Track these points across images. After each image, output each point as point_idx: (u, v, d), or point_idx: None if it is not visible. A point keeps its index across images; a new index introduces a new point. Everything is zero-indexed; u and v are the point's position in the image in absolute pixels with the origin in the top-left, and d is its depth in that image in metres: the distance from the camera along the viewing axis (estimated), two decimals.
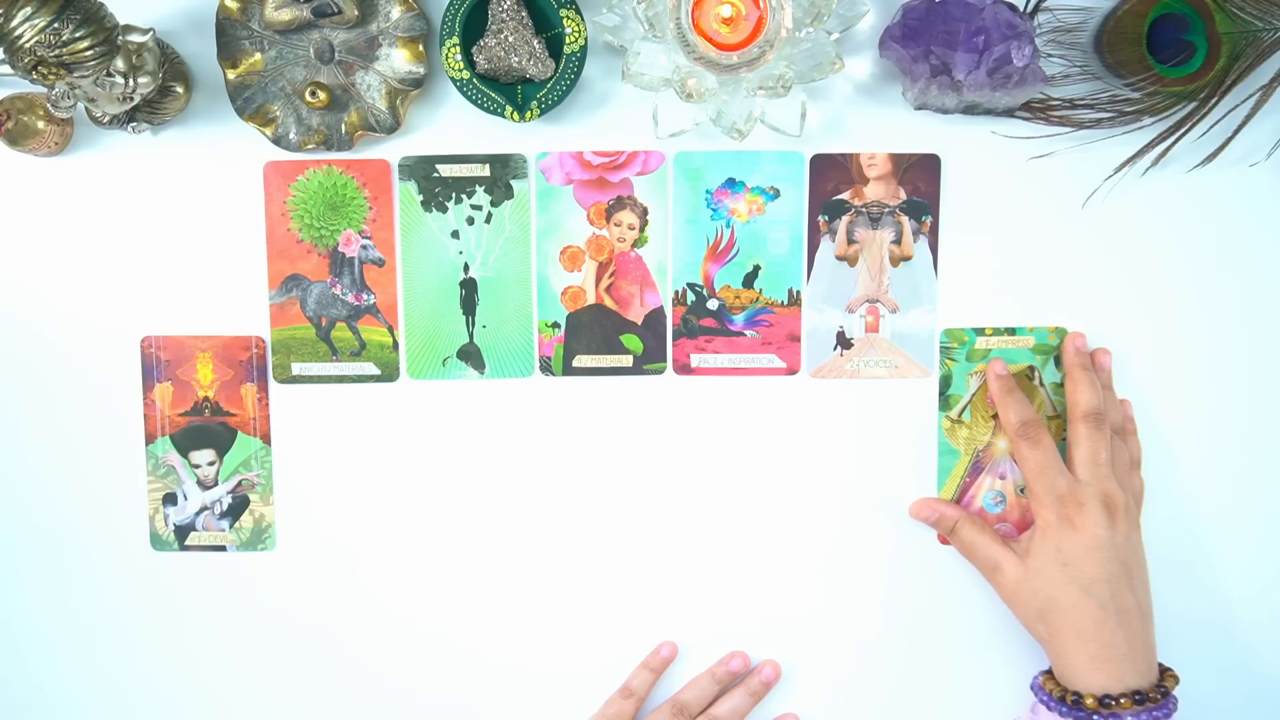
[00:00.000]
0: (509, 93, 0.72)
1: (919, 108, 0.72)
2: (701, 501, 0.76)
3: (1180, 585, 0.75)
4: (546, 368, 0.76)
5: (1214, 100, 0.71)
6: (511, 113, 0.71)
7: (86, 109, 0.70)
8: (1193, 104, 0.71)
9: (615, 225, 0.75)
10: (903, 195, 0.74)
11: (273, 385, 0.76)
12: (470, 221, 0.75)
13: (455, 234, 0.75)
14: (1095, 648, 0.68)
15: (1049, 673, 0.71)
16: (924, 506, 0.75)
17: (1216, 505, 0.76)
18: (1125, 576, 0.69)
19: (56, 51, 0.61)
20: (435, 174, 0.75)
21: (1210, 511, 0.76)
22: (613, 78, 0.74)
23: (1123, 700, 0.67)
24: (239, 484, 0.77)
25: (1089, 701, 0.67)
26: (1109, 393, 0.74)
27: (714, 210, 0.75)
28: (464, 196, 0.75)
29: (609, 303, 0.76)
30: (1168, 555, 0.75)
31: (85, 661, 0.78)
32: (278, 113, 0.72)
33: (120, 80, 0.65)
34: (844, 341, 0.76)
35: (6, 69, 0.64)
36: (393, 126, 0.73)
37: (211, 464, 0.77)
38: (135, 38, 0.65)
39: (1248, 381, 0.75)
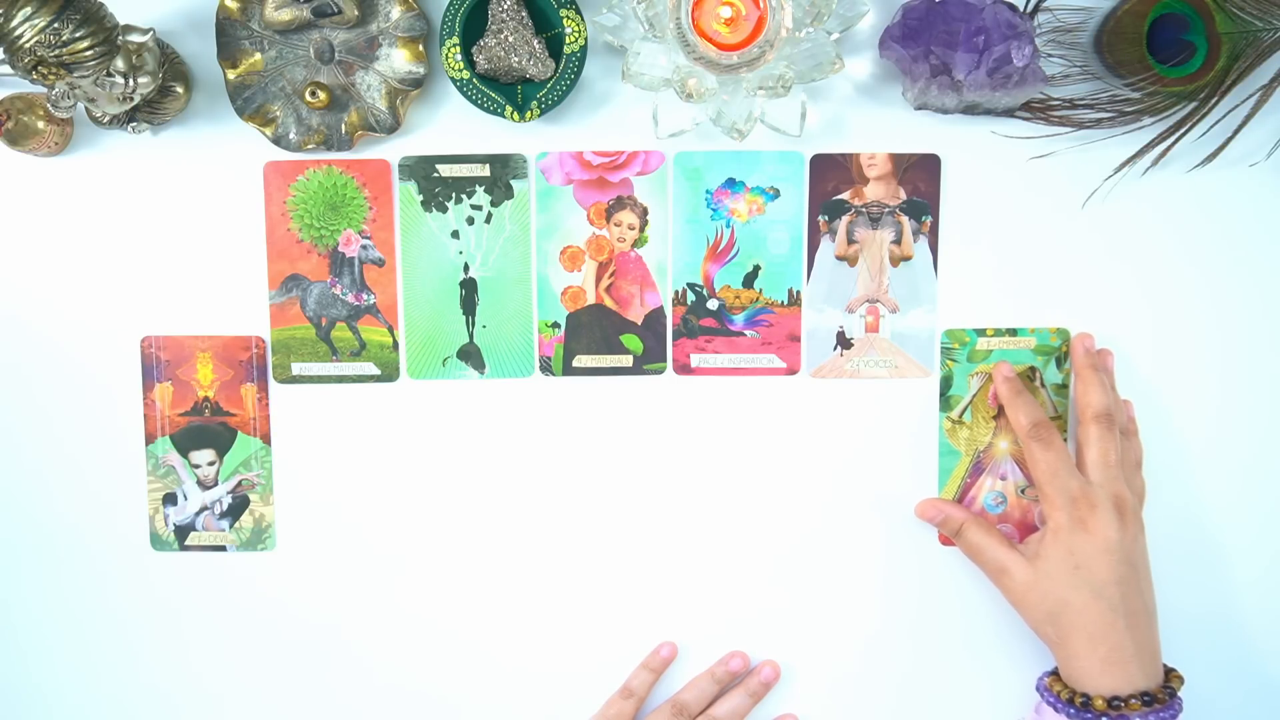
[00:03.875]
0: (509, 93, 0.72)
1: (919, 108, 0.72)
2: (701, 501, 0.76)
3: (1183, 583, 0.75)
4: (546, 368, 0.76)
5: (1214, 100, 0.71)
6: (511, 113, 0.71)
7: (86, 109, 0.70)
8: (1193, 104, 0.71)
9: (615, 225, 0.75)
10: (903, 195, 0.74)
11: (273, 385, 0.76)
12: (470, 221, 0.75)
13: (455, 234, 0.75)
14: (1105, 650, 0.67)
15: (1055, 674, 0.71)
16: (930, 507, 0.75)
17: (1219, 503, 0.76)
18: (1134, 578, 0.69)
19: (56, 51, 0.61)
20: (435, 174, 0.75)
21: (1213, 510, 0.76)
22: (613, 78, 0.74)
23: (1132, 701, 0.66)
24: (239, 484, 0.77)
25: (1098, 703, 0.67)
26: (1114, 393, 0.74)
27: (714, 210, 0.75)
28: (464, 196, 0.75)
29: (609, 303, 0.76)
30: (1171, 554, 0.75)
31: (85, 661, 0.78)
32: (278, 113, 0.72)
33: (120, 80, 0.65)
34: (844, 341, 0.76)
35: (6, 69, 0.64)
36: (393, 126, 0.73)
37: (211, 464, 0.77)
38: (135, 38, 0.65)
39: (1249, 381, 0.75)
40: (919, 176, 0.74)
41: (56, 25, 0.61)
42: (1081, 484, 0.70)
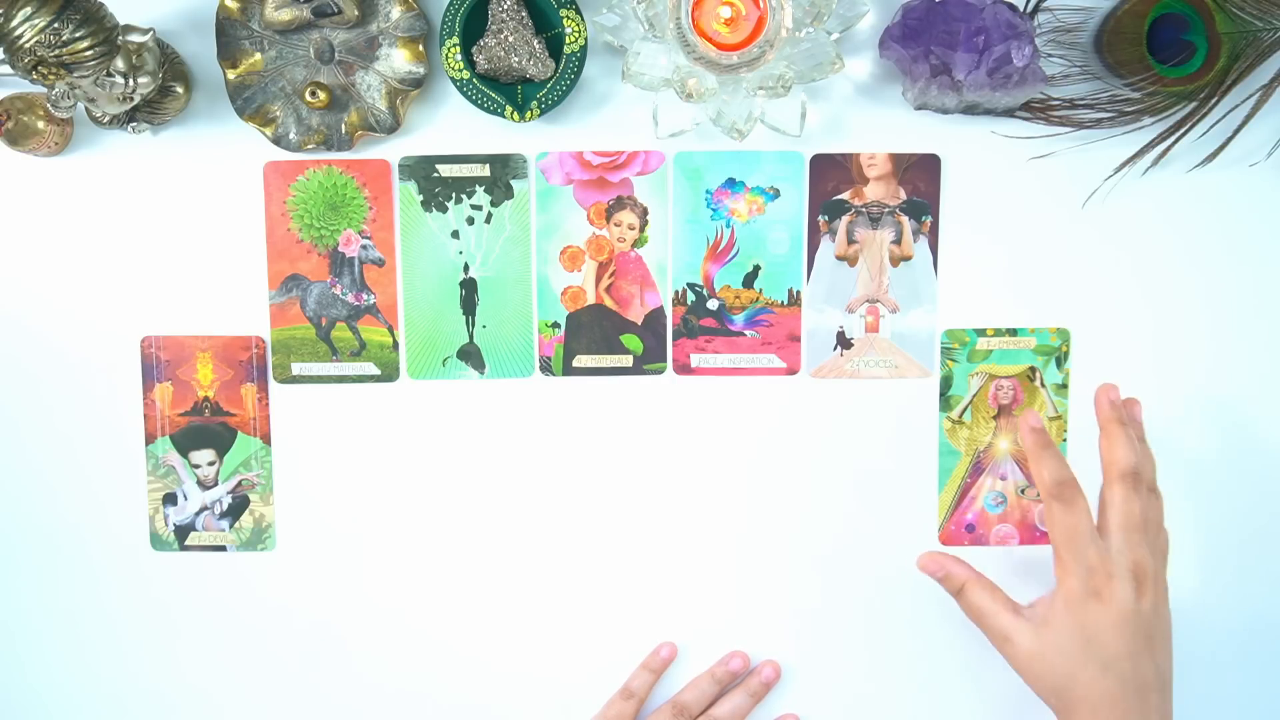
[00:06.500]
0: (509, 93, 0.72)
1: (919, 108, 0.72)
2: (701, 502, 0.76)
3: (1179, 587, 0.75)
4: (546, 368, 0.76)
5: (1214, 100, 0.71)
6: (511, 113, 0.71)
7: (86, 109, 0.70)
8: (1193, 104, 0.71)
9: (615, 225, 0.75)
10: (903, 195, 0.74)
11: (273, 385, 0.76)
12: (470, 221, 0.75)
13: (455, 234, 0.75)
14: None
15: None
16: (931, 561, 0.71)
17: (1218, 505, 0.76)
18: (1148, 650, 0.65)
19: (56, 51, 0.61)
20: (435, 174, 0.75)
21: (1213, 511, 0.76)
22: (613, 78, 0.74)
23: None
24: (239, 484, 0.77)
25: None
26: (1143, 445, 0.69)
27: (714, 210, 0.75)
28: (464, 196, 0.75)
29: (609, 303, 0.76)
30: (1174, 555, 0.75)
31: (84, 662, 0.78)
32: (278, 113, 0.72)
33: (120, 80, 0.65)
34: (844, 341, 0.76)
35: (6, 69, 0.64)
36: (393, 126, 0.73)
37: (211, 464, 0.77)
38: (135, 38, 0.65)
39: (1249, 381, 0.75)
40: (919, 176, 0.74)
41: (56, 25, 0.61)
42: (1100, 551, 0.65)
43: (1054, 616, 0.66)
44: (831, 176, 0.74)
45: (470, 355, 0.76)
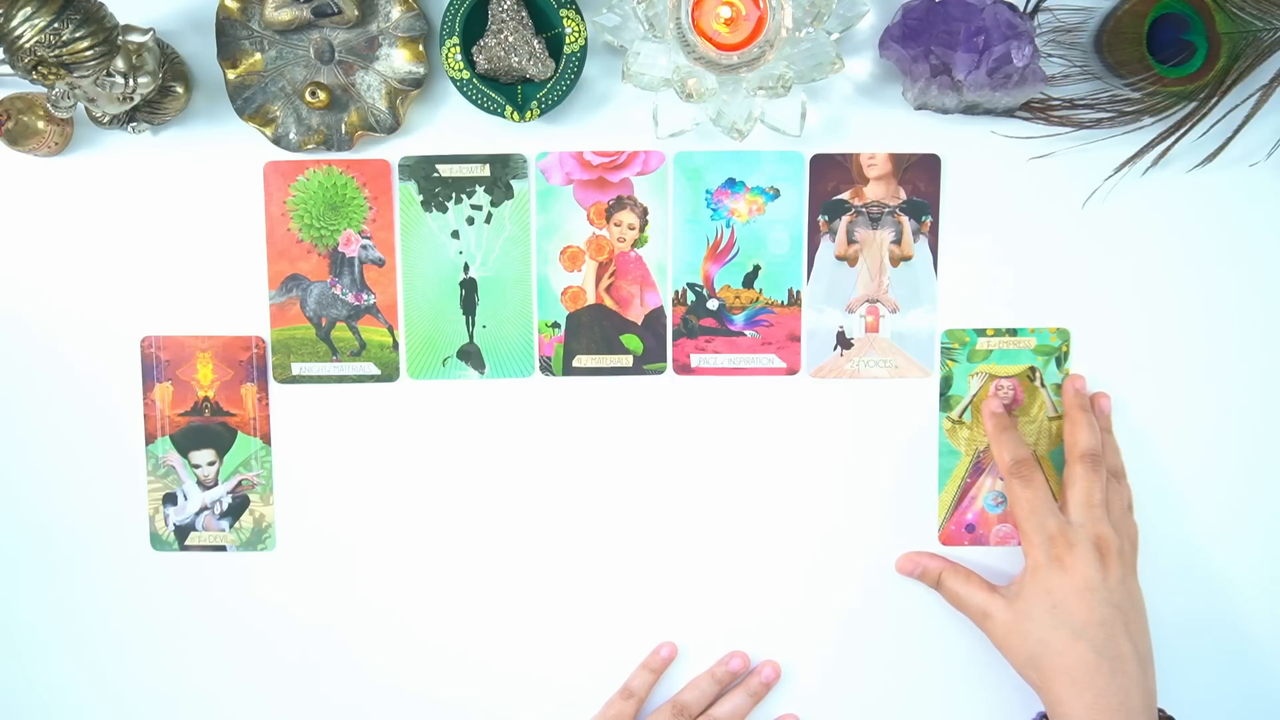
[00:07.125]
0: (509, 93, 0.72)
1: (919, 108, 0.72)
2: (701, 501, 0.76)
3: (1177, 588, 0.75)
4: (546, 368, 0.76)
5: (1214, 100, 0.71)
6: (511, 113, 0.71)
7: (86, 109, 0.70)
8: (1193, 104, 0.71)
9: (615, 225, 0.75)
10: (903, 195, 0.74)
11: (273, 385, 0.76)
12: (470, 221, 0.75)
13: (455, 234, 0.75)
14: (1090, 695, 0.66)
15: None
16: (907, 561, 0.75)
17: (1215, 506, 0.76)
18: (1120, 621, 0.67)
19: (56, 51, 0.61)
20: (435, 174, 0.75)
21: (1209, 512, 0.76)
22: (613, 78, 0.74)
23: None
24: (239, 484, 0.77)
25: None
26: (1107, 436, 0.74)
27: (714, 210, 0.75)
28: (464, 196, 0.75)
29: (609, 303, 0.76)
30: (1165, 557, 0.75)
31: (84, 662, 0.78)
32: (278, 113, 0.72)
33: (120, 80, 0.65)
34: (844, 341, 0.76)
35: (6, 69, 0.64)
36: (393, 126, 0.73)
37: (211, 464, 0.77)
38: (135, 38, 0.65)
39: (1247, 382, 0.75)
40: (919, 176, 0.74)
41: (56, 25, 0.61)
42: (1060, 522, 0.69)
43: (1024, 588, 0.70)
44: (831, 176, 0.74)
45: (470, 355, 0.76)
